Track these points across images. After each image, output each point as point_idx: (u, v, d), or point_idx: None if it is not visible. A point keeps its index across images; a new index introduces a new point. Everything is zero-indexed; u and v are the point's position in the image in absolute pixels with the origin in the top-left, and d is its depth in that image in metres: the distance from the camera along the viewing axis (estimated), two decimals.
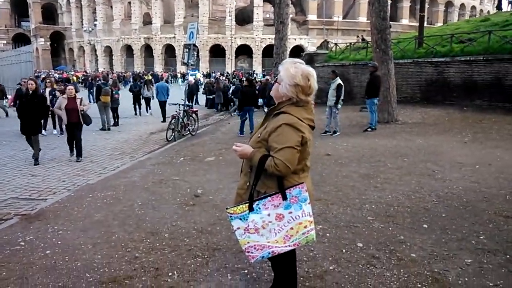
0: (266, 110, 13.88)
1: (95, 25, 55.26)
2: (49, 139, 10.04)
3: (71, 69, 52.61)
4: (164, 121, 13.30)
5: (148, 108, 16.04)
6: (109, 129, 11.87)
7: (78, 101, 7.67)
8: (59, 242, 3.75)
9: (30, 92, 7.33)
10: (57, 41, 60.82)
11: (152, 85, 16.61)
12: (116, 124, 12.70)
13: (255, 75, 36.85)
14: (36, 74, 22.11)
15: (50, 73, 38.30)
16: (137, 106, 15.85)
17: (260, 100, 14.25)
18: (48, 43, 58.79)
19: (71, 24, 58.74)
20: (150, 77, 27.00)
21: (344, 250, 3.42)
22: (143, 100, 15.78)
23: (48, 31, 59.04)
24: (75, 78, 33.76)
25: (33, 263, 3.31)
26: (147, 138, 10.60)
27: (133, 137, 10.70)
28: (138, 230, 4.02)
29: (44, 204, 4.97)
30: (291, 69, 2.11)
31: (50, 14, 61.33)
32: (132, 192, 5.36)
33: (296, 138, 2.03)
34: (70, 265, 3.25)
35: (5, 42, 58.48)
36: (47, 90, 11.04)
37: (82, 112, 7.60)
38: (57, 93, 10.48)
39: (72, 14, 58.11)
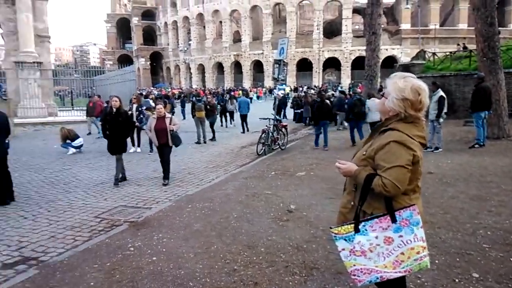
0: (346, 125, 13.75)
1: (189, 44, 59.60)
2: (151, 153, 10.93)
3: (168, 86, 57.25)
4: (243, 132, 15.08)
5: (232, 121, 17.93)
6: (204, 142, 12.61)
7: (167, 121, 7.21)
8: (164, 250, 4.04)
9: (114, 109, 7.20)
10: (156, 60, 66.82)
11: (236, 100, 18.41)
12: (213, 139, 13.16)
13: (339, 88, 36.14)
14: (139, 92, 24.49)
15: (150, 90, 42.14)
16: (223, 119, 17.52)
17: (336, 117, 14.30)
18: (148, 63, 64.87)
19: (168, 45, 64.13)
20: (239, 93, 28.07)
21: (457, 280, 3.13)
22: (228, 113, 17.71)
23: (148, 52, 65.23)
24: (171, 94, 36.62)
25: (141, 268, 3.62)
26: (238, 152, 11.01)
27: (225, 151, 11.20)
28: (235, 242, 4.16)
29: (149, 213, 5.42)
30: (400, 83, 2.02)
31: (150, 36, 67.78)
32: (227, 204, 5.58)
33: (406, 156, 1.93)
34: (175, 273, 3.48)
35: (111, 62, 66.03)
36: (134, 106, 11.10)
37: (171, 133, 7.17)
38: (145, 111, 10.91)
39: (169, 35, 63.47)
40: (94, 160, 9.74)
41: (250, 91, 42.58)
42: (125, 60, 59.35)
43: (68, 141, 10.85)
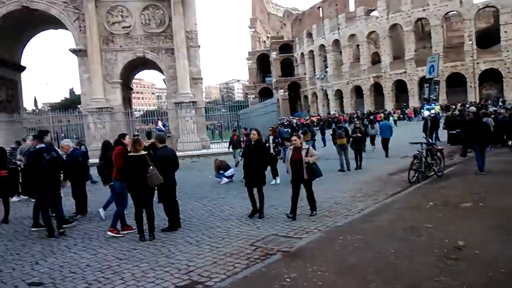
0: None
1: (326, 71, 60.43)
2: None
3: (306, 114, 58.66)
4: (386, 156, 14.97)
5: (372, 145, 17.64)
6: (348, 169, 12.35)
7: (303, 152, 6.90)
8: (320, 283, 3.99)
9: (253, 142, 7.27)
10: (294, 90, 69.50)
11: (376, 123, 18.15)
12: (359, 167, 12.64)
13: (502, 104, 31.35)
14: (279, 122, 25.76)
15: (290, 119, 43.85)
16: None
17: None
18: (287, 93, 67.86)
19: (305, 74, 66.19)
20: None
21: None
22: (369, 137, 17.29)
23: (286, 83, 68.39)
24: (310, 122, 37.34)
25: None
26: (387, 179, 10.43)
27: (372, 178, 10.73)
28: (396, 281, 3.85)
29: (300, 243, 5.48)
30: None
31: (287, 68, 71.13)
32: (382, 238, 5.26)
33: None
34: None
35: (253, 96, 71.11)
36: (270, 138, 11.13)
37: (306, 165, 6.79)
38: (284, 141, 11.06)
39: (305, 65, 65.58)
40: (244, 189, 10.40)
41: (394, 112, 40.49)
42: (265, 93, 63.42)
43: (221, 171, 11.95)
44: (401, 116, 42.60)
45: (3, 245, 6.54)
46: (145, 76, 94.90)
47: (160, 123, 21.75)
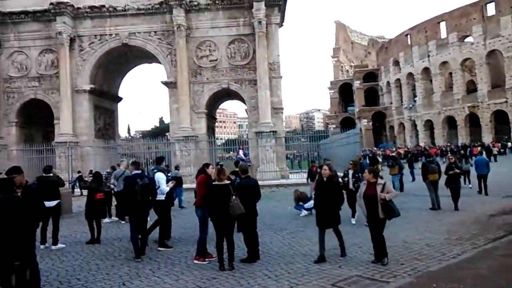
0: None
1: (414, 101, 57.65)
2: None
3: (392, 146, 56.14)
4: (486, 194, 13.73)
5: (468, 181, 16.39)
6: (439, 208, 11.40)
7: (379, 188, 6.37)
8: None
9: (325, 178, 6.88)
10: (378, 120, 67.23)
11: (470, 158, 17.75)
12: (456, 208, 11.21)
13: None
14: (362, 153, 25.00)
15: (374, 150, 42.32)
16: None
17: None
18: (370, 123, 65.88)
19: (391, 103, 63.84)
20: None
21: None
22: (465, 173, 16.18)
23: (370, 113, 66.53)
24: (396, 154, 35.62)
25: None
26: (487, 221, 9.41)
27: (468, 219, 9.76)
28: None
29: (388, 287, 5.12)
30: None
31: (371, 97, 69.35)
32: None
33: None
34: None
35: (334, 126, 70.20)
36: (350, 172, 10.45)
37: (382, 201, 6.27)
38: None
39: (392, 94, 63.32)
40: None
41: (493, 146, 37.00)
42: (347, 123, 62.17)
43: (300, 203, 11.81)
44: (502, 150, 38.74)
45: (94, 264, 7.09)
46: (228, 106, 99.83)
47: (241, 152, 22.37)
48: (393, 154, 34.56)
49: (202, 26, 24.52)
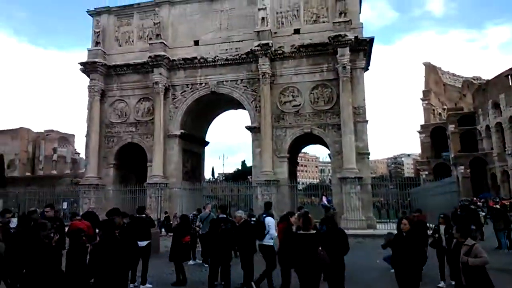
0: None
1: None
2: None
3: (494, 197, 50.86)
4: None
5: None
6: None
7: (463, 249, 5.73)
8: None
9: (404, 233, 6.40)
10: (477, 167, 61.73)
11: None
12: None
13: None
14: (460, 203, 22.89)
15: (473, 201, 38.61)
16: None
17: None
18: (468, 170, 60.69)
19: (491, 149, 58.57)
20: None
21: None
22: None
23: (467, 159, 61.47)
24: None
25: None
26: None
27: None
28: None
29: None
30: None
31: (468, 142, 64.31)
32: None
33: None
34: None
35: (427, 173, 65.89)
36: (442, 227, 9.50)
37: (464, 266, 5.63)
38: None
39: (492, 139, 58.23)
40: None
41: None
42: (441, 170, 58.14)
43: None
44: None
45: None
46: (310, 150, 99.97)
47: (324, 199, 22.00)
48: (497, 206, 31.22)
49: (286, 73, 25.40)
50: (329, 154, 25.60)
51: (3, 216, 7.51)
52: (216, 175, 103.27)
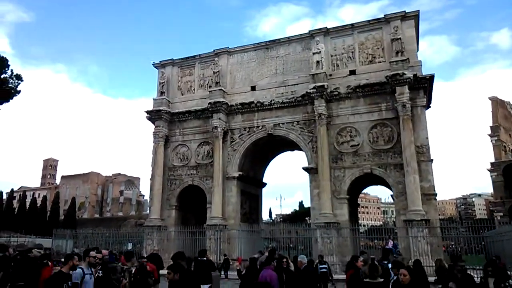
0: None
1: None
2: None
3: None
4: None
5: None
6: None
7: None
8: None
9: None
10: None
11: None
12: None
13: None
14: None
15: None
16: None
17: None
18: None
19: None
20: None
21: None
22: None
23: None
24: None
25: None
26: None
27: None
28: None
29: None
30: None
31: None
32: None
33: None
34: None
35: (501, 214, 60.62)
36: (491, 281, 8.58)
37: None
38: None
39: None
40: None
41: None
42: None
43: None
44: None
45: None
46: (370, 190, 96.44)
47: (390, 243, 20.89)
48: None
49: (342, 113, 25.29)
50: (391, 195, 24.57)
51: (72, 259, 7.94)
52: (273, 216, 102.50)
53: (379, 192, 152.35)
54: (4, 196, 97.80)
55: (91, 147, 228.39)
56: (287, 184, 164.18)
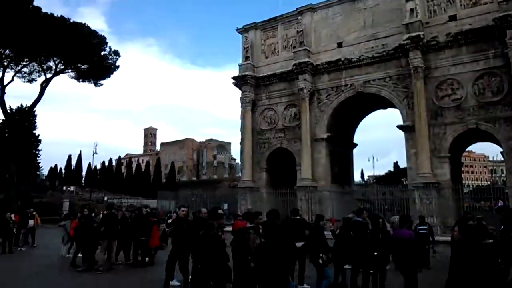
0: None
1: None
2: None
3: None
4: None
5: None
6: None
7: None
8: None
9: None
10: None
11: None
12: None
13: None
14: None
15: None
16: None
17: None
18: None
19: None
20: None
21: None
22: None
23: None
24: None
25: None
26: None
27: None
28: None
29: None
30: None
31: None
32: None
33: None
34: None
35: None
36: None
37: None
38: None
39: None
40: None
41: None
42: None
43: None
44: None
45: None
46: (476, 148, 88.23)
47: (500, 203, 19.13)
48: None
49: (442, 65, 23.00)
50: (501, 152, 22.22)
51: (179, 209, 9.76)
52: (365, 177, 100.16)
53: (486, 150, 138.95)
54: (113, 163, 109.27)
55: (184, 116, 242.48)
56: (380, 144, 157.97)
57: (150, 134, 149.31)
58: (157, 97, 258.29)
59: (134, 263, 13.33)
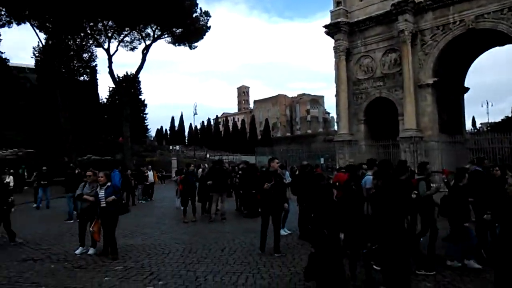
0: None
1: None
2: None
3: None
4: None
5: None
6: None
7: None
8: None
9: None
10: None
11: None
12: None
13: None
14: None
15: None
16: None
17: None
18: None
19: None
20: None
21: None
22: None
23: None
24: None
25: None
26: None
27: None
28: None
29: None
30: None
31: None
32: None
33: None
34: None
35: None
36: None
37: None
38: None
39: None
40: None
41: None
42: None
43: None
44: None
45: None
46: None
47: None
48: None
49: None
50: None
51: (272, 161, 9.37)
52: (477, 125, 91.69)
53: None
54: (212, 122, 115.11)
55: (275, 72, 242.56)
56: (495, 87, 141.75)
57: (243, 93, 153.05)
58: (247, 55, 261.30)
59: (245, 214, 14.37)
